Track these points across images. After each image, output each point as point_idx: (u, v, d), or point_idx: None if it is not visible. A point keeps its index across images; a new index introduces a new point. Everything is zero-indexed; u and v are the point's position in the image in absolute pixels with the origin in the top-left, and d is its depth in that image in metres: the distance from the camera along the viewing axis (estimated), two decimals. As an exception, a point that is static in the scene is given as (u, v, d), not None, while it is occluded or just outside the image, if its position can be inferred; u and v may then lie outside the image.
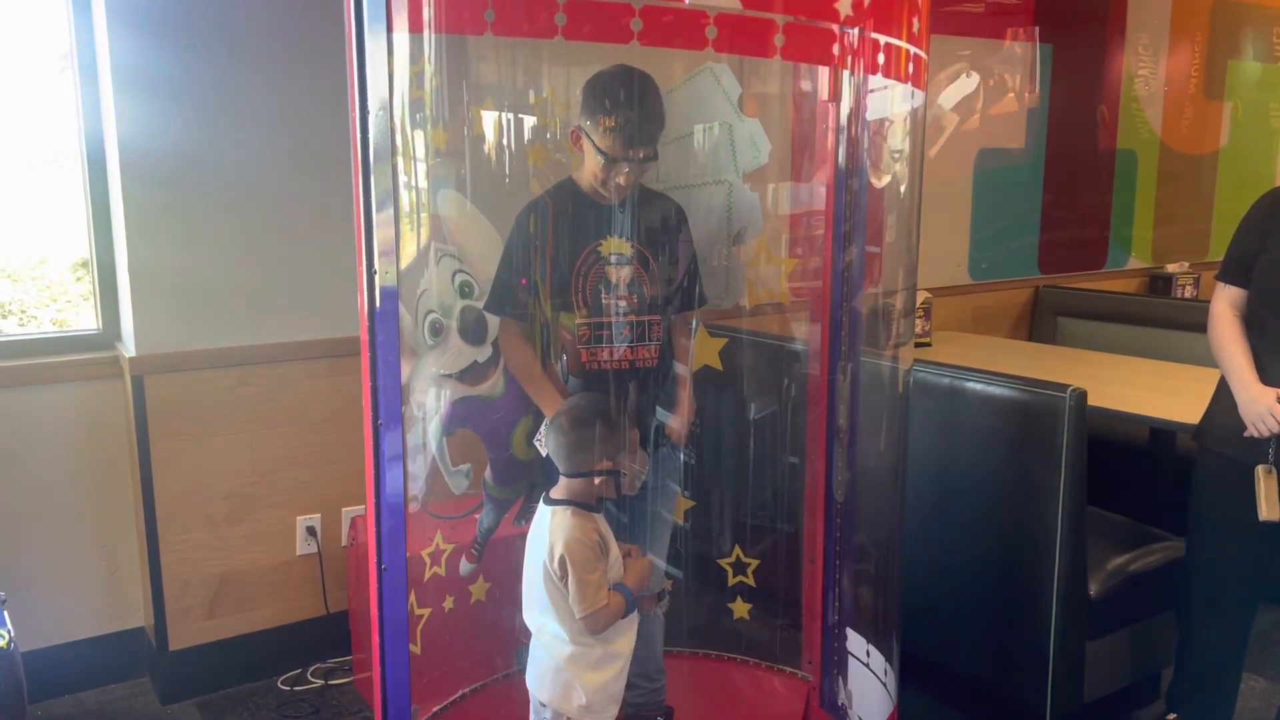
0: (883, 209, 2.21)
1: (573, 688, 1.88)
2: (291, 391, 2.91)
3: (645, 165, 2.02)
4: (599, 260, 2.07)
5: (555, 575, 1.85)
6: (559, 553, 1.83)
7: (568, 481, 1.90)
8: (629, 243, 2.06)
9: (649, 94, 2.00)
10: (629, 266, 2.06)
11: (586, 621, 1.84)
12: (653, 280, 2.09)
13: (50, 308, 2.96)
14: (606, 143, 1.97)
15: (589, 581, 1.82)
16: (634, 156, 1.98)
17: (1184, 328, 3.94)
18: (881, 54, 1.81)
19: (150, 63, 2.60)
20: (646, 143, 1.99)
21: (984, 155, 4.39)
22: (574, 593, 1.83)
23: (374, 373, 1.76)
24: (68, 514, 2.79)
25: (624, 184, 2.02)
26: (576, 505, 1.88)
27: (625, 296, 2.07)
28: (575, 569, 1.82)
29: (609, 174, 2.01)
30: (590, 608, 1.83)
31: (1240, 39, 5.41)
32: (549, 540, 1.86)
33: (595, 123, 1.98)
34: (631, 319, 2.08)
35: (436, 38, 1.79)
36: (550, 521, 1.88)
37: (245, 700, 2.86)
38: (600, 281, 2.06)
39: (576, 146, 2.04)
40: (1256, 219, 2.41)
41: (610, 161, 1.98)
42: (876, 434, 2.28)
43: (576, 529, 1.85)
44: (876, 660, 2.35)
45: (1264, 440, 2.27)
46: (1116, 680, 2.66)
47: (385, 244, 1.73)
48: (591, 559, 1.84)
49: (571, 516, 1.87)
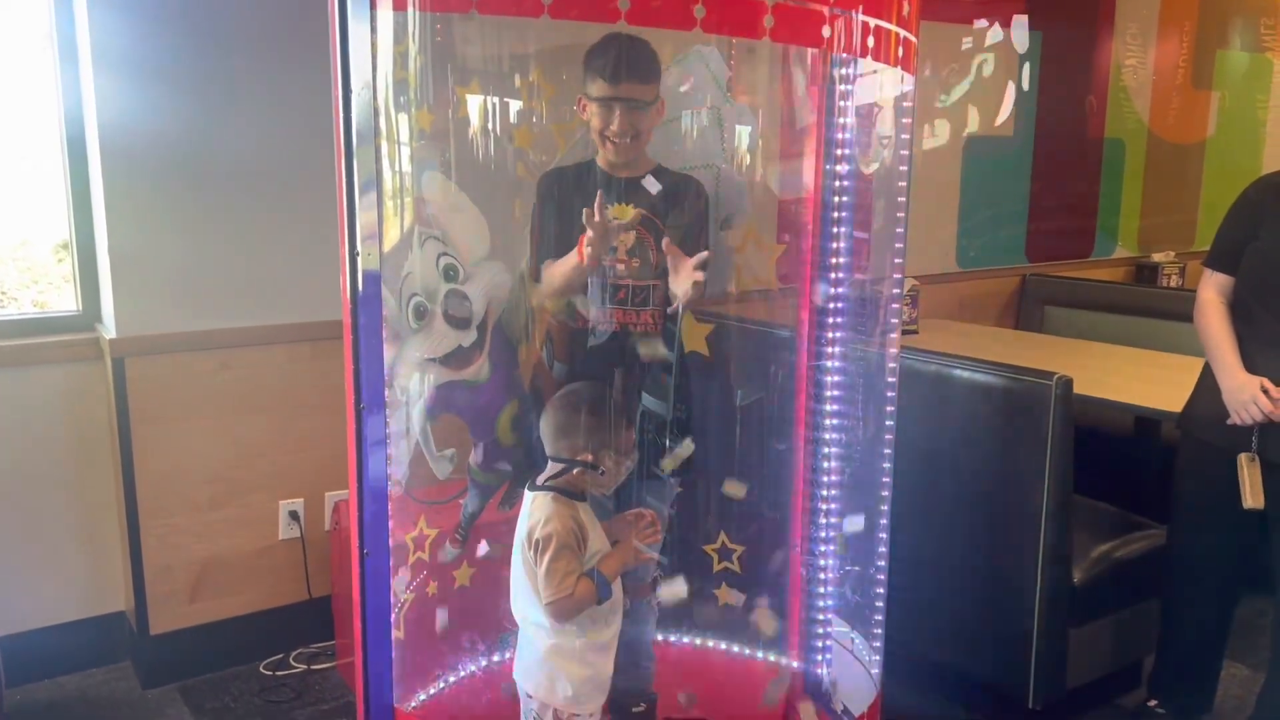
0: (871, 195, 2.20)
1: (556, 678, 1.87)
2: (274, 375, 2.89)
3: (639, 109, 1.99)
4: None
5: (530, 560, 1.84)
6: (534, 536, 1.83)
7: (553, 467, 1.89)
8: (637, 209, 2.03)
9: (636, 43, 1.98)
10: (633, 232, 2.05)
11: (551, 608, 1.81)
12: (657, 245, 2.07)
13: (31, 289, 2.93)
14: (595, 87, 1.96)
15: (555, 569, 1.80)
16: (624, 94, 1.96)
17: (1169, 317, 3.95)
18: (871, 37, 1.80)
19: (131, 44, 2.57)
20: (635, 79, 1.96)
21: (973, 143, 4.39)
22: (541, 578, 1.81)
23: (357, 356, 1.75)
24: (48, 496, 2.76)
25: (619, 129, 1.98)
26: (558, 491, 1.87)
27: (624, 260, 2.05)
28: (545, 554, 1.80)
29: (604, 121, 1.98)
30: (555, 594, 1.80)
31: (1229, 29, 5.41)
32: (529, 522, 1.85)
33: (587, 74, 1.98)
34: (629, 282, 2.06)
35: (421, 16, 1.77)
36: (530, 505, 1.88)
37: (227, 685, 2.85)
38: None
39: (583, 115, 2.03)
40: (1248, 206, 2.40)
41: (601, 105, 1.97)
42: (862, 421, 2.27)
43: (553, 514, 1.83)
44: (860, 647, 2.35)
45: (1247, 428, 2.28)
46: (1099, 667, 2.67)
47: (369, 227, 1.72)
48: (563, 546, 1.81)
49: (551, 501, 1.85)
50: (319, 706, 2.75)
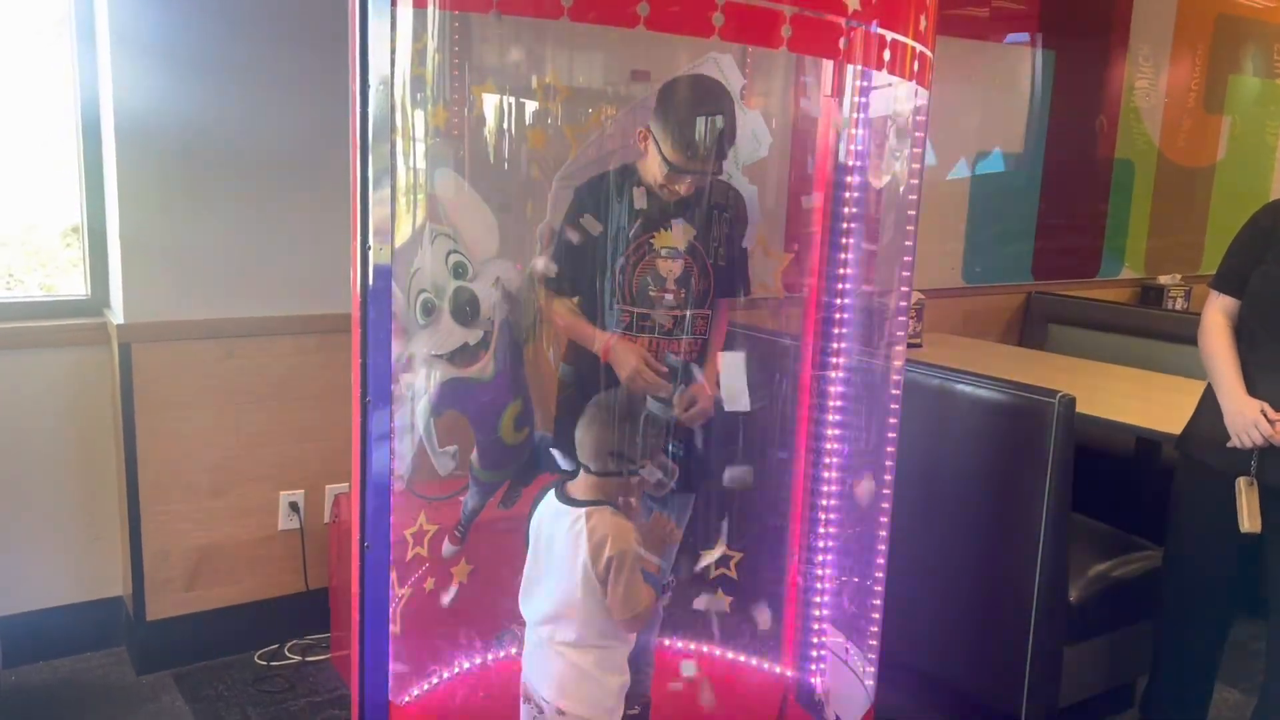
0: (881, 207, 2.20)
1: (601, 691, 1.85)
2: (279, 366, 2.89)
3: (708, 176, 1.99)
4: (650, 252, 2.04)
5: (598, 577, 1.78)
6: (607, 554, 1.77)
7: (598, 480, 1.83)
8: (685, 236, 2.03)
9: (724, 109, 1.95)
10: (680, 260, 2.04)
11: (633, 622, 1.81)
12: (703, 274, 2.07)
13: (38, 273, 2.94)
14: (673, 152, 1.94)
15: (634, 582, 1.78)
16: (699, 169, 1.95)
17: (1174, 339, 3.95)
18: (887, 50, 1.80)
19: (150, 28, 2.58)
20: (714, 157, 1.95)
21: (982, 159, 4.39)
22: (623, 596, 1.77)
23: (365, 350, 1.76)
24: (49, 479, 2.77)
25: (684, 192, 1.99)
26: (609, 505, 1.82)
27: (673, 290, 2.04)
28: (626, 572, 1.77)
29: (670, 182, 1.98)
30: (634, 610, 1.79)
31: (1242, 54, 5.42)
32: (590, 542, 1.78)
33: (664, 129, 1.94)
34: (676, 313, 2.05)
35: (440, 14, 1.78)
36: (588, 523, 1.80)
37: (221, 673, 2.85)
38: (649, 273, 2.04)
39: (642, 145, 2.01)
40: (1257, 230, 2.41)
41: (673, 171, 1.96)
42: (865, 432, 2.28)
43: (619, 530, 1.79)
44: (855, 658, 2.36)
45: (1246, 452, 2.28)
46: (1092, 686, 2.67)
47: (381, 221, 1.72)
48: (636, 559, 1.79)
49: (612, 516, 1.81)
50: (312, 698, 2.75)
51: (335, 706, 2.71)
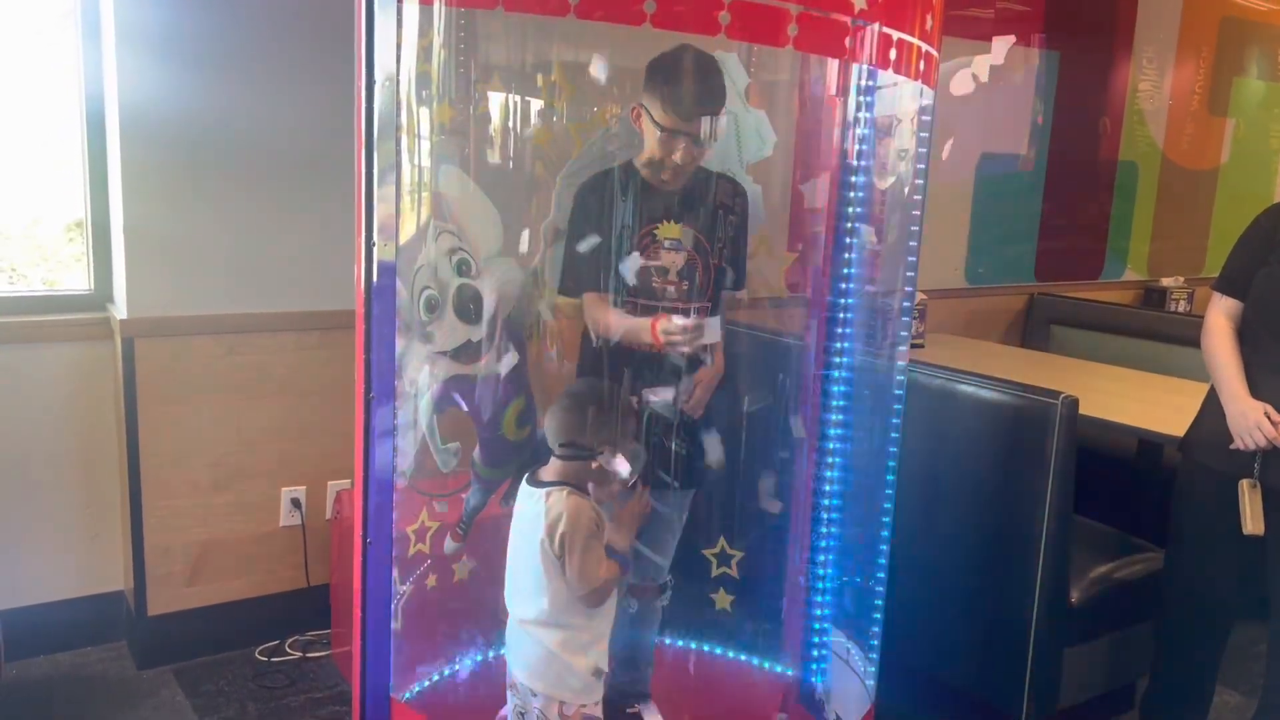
0: (886, 207, 2.20)
1: (568, 672, 1.88)
2: (282, 362, 2.89)
3: (702, 144, 1.99)
4: (654, 243, 2.05)
5: (554, 554, 1.84)
6: (559, 532, 1.82)
7: (560, 464, 1.89)
8: (686, 228, 2.03)
9: (710, 69, 1.98)
10: (683, 252, 2.05)
11: (590, 598, 1.84)
12: (705, 266, 2.08)
13: (40, 268, 2.94)
14: (663, 115, 1.95)
15: (588, 559, 1.82)
16: (691, 130, 1.96)
17: (1176, 341, 3.95)
18: (893, 49, 1.80)
19: (155, 23, 2.58)
20: (708, 112, 1.96)
21: (985, 160, 4.39)
22: (576, 571, 1.82)
23: (368, 346, 1.76)
24: (52, 473, 2.77)
25: (681, 161, 1.99)
26: (571, 486, 1.87)
27: (675, 282, 2.05)
28: (578, 549, 1.82)
29: (666, 150, 1.98)
30: (590, 585, 1.83)
31: (1246, 57, 5.41)
32: (547, 520, 1.84)
33: (654, 95, 1.96)
34: (680, 305, 2.06)
35: (447, 10, 1.78)
36: (547, 502, 1.86)
37: (222, 668, 2.85)
38: (653, 264, 2.05)
39: (636, 124, 2.03)
40: (1260, 233, 2.41)
41: (668, 135, 1.96)
42: (868, 432, 2.28)
43: (575, 508, 1.84)
44: (856, 658, 2.35)
45: (1249, 454, 2.28)
46: (1093, 687, 2.67)
47: (385, 218, 1.73)
48: (590, 536, 1.84)
49: (569, 496, 1.85)
50: (312, 694, 2.75)
51: (336, 702, 2.71)
